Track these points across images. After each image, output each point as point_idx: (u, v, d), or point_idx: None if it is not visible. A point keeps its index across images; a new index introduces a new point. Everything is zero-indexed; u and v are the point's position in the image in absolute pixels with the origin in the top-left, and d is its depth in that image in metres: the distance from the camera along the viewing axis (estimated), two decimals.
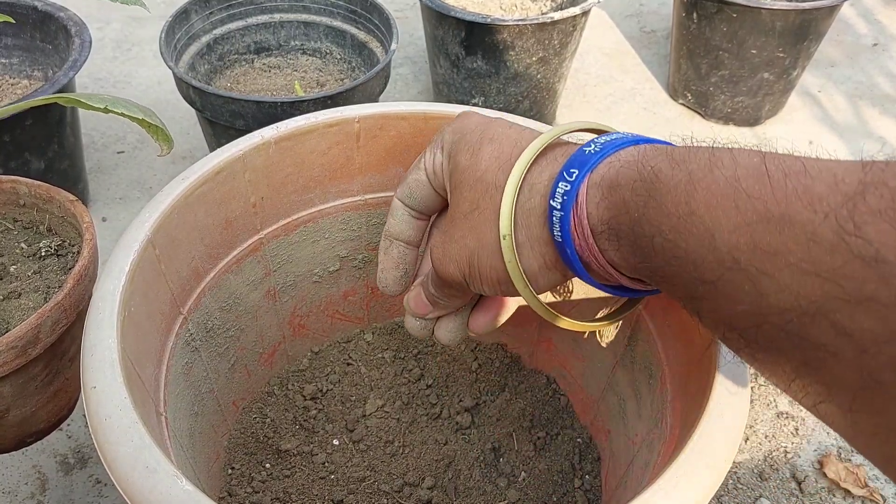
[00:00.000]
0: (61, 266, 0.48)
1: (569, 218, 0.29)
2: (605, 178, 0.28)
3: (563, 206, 0.29)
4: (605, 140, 0.30)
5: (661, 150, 0.27)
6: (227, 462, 0.54)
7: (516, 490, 0.53)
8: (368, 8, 0.93)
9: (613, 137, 0.30)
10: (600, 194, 0.28)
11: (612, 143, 0.29)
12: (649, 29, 1.36)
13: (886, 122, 1.14)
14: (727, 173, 0.25)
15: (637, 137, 0.30)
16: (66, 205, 0.48)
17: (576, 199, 0.29)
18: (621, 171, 0.28)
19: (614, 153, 0.29)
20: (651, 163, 0.27)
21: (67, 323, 0.43)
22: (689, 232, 0.25)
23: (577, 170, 0.29)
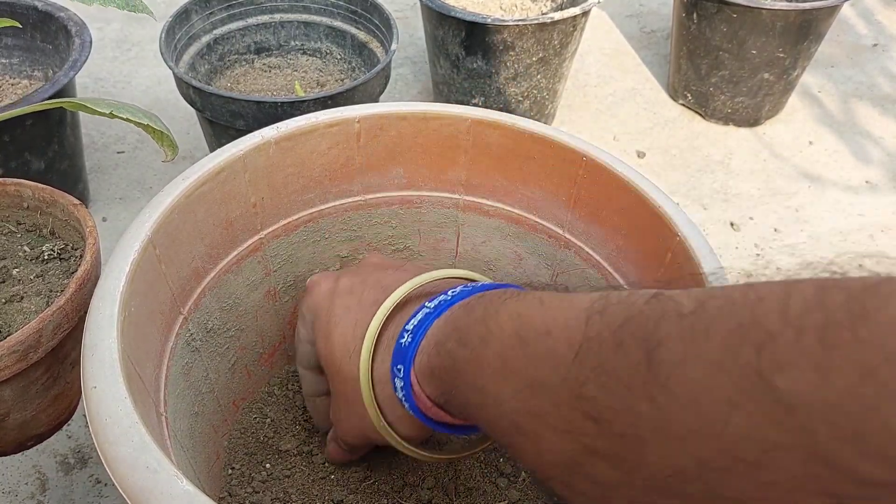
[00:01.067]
0: (64, 270, 0.48)
1: (415, 403, 0.34)
2: (424, 367, 0.33)
3: (406, 398, 0.35)
4: (414, 324, 0.35)
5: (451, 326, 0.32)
6: (227, 462, 0.54)
7: (517, 490, 0.53)
8: (369, 8, 0.93)
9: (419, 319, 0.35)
10: (426, 379, 0.34)
11: (420, 325, 0.34)
12: (649, 29, 1.36)
13: (887, 122, 1.14)
14: (496, 348, 0.28)
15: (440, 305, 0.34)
16: (69, 208, 0.48)
17: (412, 389, 0.34)
18: (432, 360, 0.33)
19: (424, 337, 0.34)
20: (447, 346, 0.32)
21: (69, 327, 0.43)
22: (486, 402, 0.29)
23: (402, 366, 0.34)
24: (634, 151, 1.07)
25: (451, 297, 0.35)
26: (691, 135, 1.11)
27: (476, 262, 0.59)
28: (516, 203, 0.54)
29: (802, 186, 1.02)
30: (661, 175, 1.03)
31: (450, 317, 0.33)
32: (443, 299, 0.35)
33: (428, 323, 0.34)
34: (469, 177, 0.54)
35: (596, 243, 0.51)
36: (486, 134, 0.51)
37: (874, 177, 1.04)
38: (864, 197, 1.00)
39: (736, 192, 1.01)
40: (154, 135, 0.45)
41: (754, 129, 1.12)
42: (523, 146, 0.51)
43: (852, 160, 1.07)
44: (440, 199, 0.56)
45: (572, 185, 0.50)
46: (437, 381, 0.33)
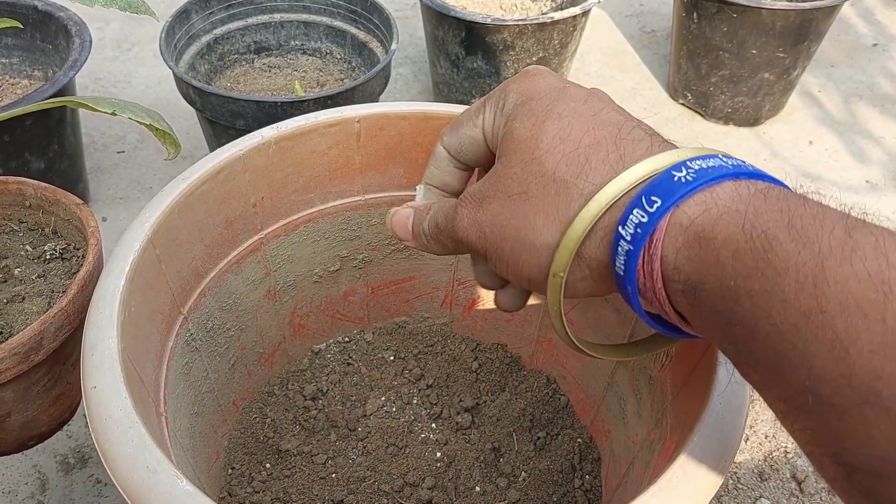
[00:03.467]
0: (66, 270, 0.48)
1: (638, 254, 0.24)
2: (696, 223, 0.23)
3: (633, 240, 0.24)
4: (698, 166, 0.24)
5: (776, 208, 0.22)
6: (227, 462, 0.54)
7: (516, 490, 0.53)
8: (368, 8, 0.92)
9: (710, 164, 0.24)
10: (683, 240, 0.23)
11: (706, 172, 0.24)
12: (649, 29, 1.36)
13: (886, 121, 1.14)
14: (872, 269, 0.19)
15: (738, 169, 0.24)
16: (71, 208, 0.48)
17: (651, 235, 0.24)
18: (719, 223, 0.23)
19: (710, 187, 0.24)
20: (763, 224, 0.22)
21: (71, 329, 0.43)
22: (813, 334, 0.20)
23: (659, 199, 0.24)
24: None
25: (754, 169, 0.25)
26: (691, 134, 1.11)
27: None
28: None
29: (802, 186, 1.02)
30: None
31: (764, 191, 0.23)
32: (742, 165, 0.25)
33: (720, 175, 0.24)
34: None
35: None
36: None
37: (874, 177, 1.04)
38: (865, 197, 1.00)
39: None
40: (157, 133, 0.45)
41: (754, 129, 1.12)
42: None
43: (852, 160, 1.07)
44: None
45: None
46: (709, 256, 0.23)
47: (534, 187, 0.28)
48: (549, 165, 0.27)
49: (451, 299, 0.62)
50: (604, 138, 0.27)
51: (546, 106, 0.29)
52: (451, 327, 0.64)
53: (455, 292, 0.62)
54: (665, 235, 0.24)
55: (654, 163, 0.25)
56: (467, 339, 0.63)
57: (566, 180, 0.27)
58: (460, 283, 0.61)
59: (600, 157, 0.26)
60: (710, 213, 0.23)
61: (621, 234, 0.25)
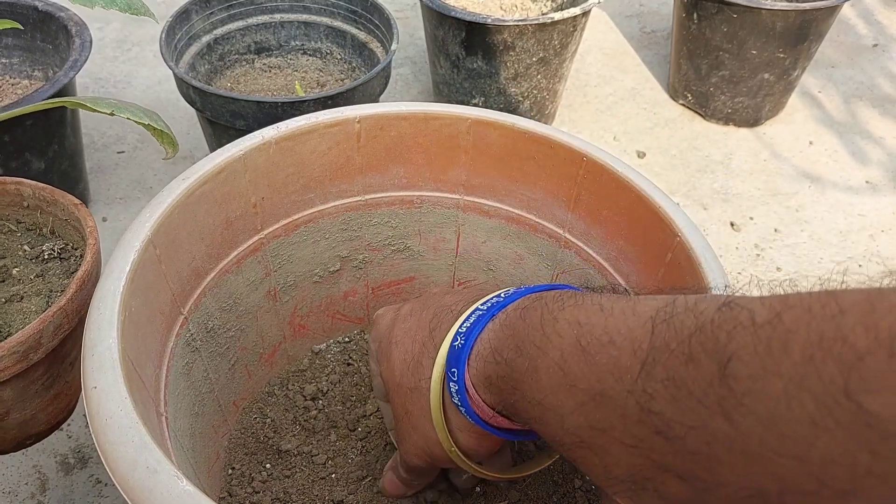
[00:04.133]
0: (64, 270, 0.48)
1: (471, 408, 0.33)
2: (480, 373, 0.32)
3: (462, 403, 0.33)
4: (465, 328, 0.33)
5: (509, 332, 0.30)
6: (227, 462, 0.54)
7: (516, 490, 0.53)
8: (369, 8, 0.93)
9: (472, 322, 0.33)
10: (482, 385, 0.32)
11: (470, 329, 0.33)
12: (649, 29, 1.36)
13: (887, 122, 1.14)
14: (556, 357, 0.27)
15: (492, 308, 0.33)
16: (70, 208, 0.48)
17: (467, 392, 0.33)
18: (488, 367, 0.31)
19: (476, 342, 0.32)
20: (504, 354, 0.30)
21: (69, 328, 0.43)
22: (547, 416, 0.27)
23: (455, 369, 0.33)
24: (634, 151, 1.07)
25: (505, 298, 0.33)
26: (691, 135, 1.11)
27: (476, 262, 0.59)
28: (516, 203, 0.54)
29: (803, 187, 1.02)
30: (661, 175, 1.03)
31: (505, 321, 0.31)
32: (495, 301, 0.33)
33: (480, 325, 0.32)
34: (469, 177, 0.54)
35: (596, 243, 0.51)
36: (487, 134, 0.51)
37: (874, 177, 1.04)
38: (865, 197, 1.00)
39: (736, 192, 1.01)
40: (155, 133, 0.45)
41: (754, 130, 1.12)
42: (523, 146, 0.51)
43: (852, 160, 1.07)
44: (440, 199, 0.56)
45: (572, 185, 0.50)
46: (496, 390, 0.31)
47: (408, 405, 0.37)
48: (405, 384, 0.37)
49: None
50: (424, 341, 0.36)
51: (389, 341, 0.39)
52: None
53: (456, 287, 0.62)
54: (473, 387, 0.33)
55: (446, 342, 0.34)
56: None
57: (416, 387, 0.36)
58: (460, 284, 0.61)
59: (426, 356, 0.36)
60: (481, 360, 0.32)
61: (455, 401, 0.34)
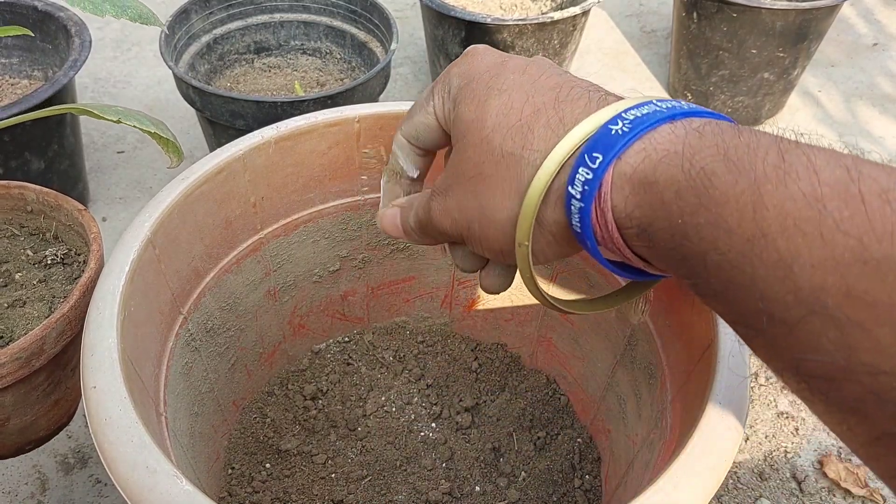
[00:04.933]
0: (67, 275, 0.48)
1: (590, 210, 0.25)
2: (638, 171, 0.24)
3: (583, 197, 0.25)
4: (633, 116, 0.25)
5: (711, 143, 0.23)
6: (227, 462, 0.54)
7: (516, 490, 0.53)
8: (368, 8, 0.92)
9: (644, 112, 0.25)
10: (630, 188, 0.24)
11: (642, 120, 0.25)
12: (649, 29, 1.36)
13: (886, 121, 1.14)
14: (805, 188, 0.20)
15: (673, 110, 0.25)
16: (73, 213, 0.48)
17: (598, 189, 0.25)
18: (659, 167, 0.24)
19: (647, 134, 0.24)
20: (700, 161, 0.22)
21: (72, 334, 0.43)
22: (758, 258, 0.21)
23: (600, 155, 0.25)
24: None
25: (689, 108, 0.26)
26: None
27: None
28: None
29: None
30: None
31: (702, 129, 0.24)
32: (677, 106, 0.26)
33: (656, 120, 0.25)
34: None
35: None
36: None
37: None
38: None
39: None
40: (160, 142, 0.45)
41: None
42: None
43: None
44: None
45: None
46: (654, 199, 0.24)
47: (487, 167, 0.29)
48: (497, 142, 0.28)
49: (451, 299, 0.62)
50: (544, 105, 0.28)
51: (487, 84, 0.30)
52: (450, 327, 0.64)
53: (455, 292, 0.62)
54: (612, 188, 0.25)
55: (592, 121, 0.26)
56: (467, 338, 0.63)
57: (514, 154, 0.28)
58: (460, 283, 0.61)
59: (542, 124, 0.27)
60: (651, 159, 0.24)
61: (571, 193, 0.26)
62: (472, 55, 0.32)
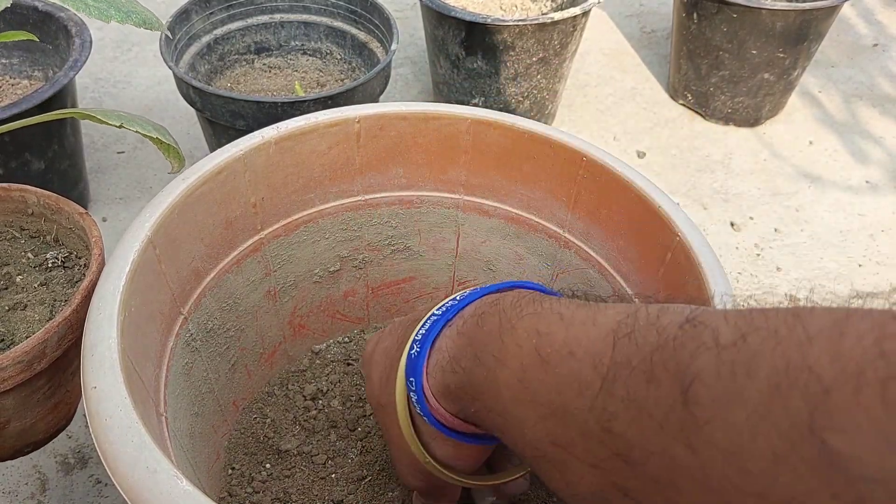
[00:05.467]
0: (68, 279, 0.48)
1: (433, 417, 0.32)
2: (438, 383, 0.31)
3: (422, 411, 0.33)
4: (422, 334, 0.33)
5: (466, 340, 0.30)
6: (227, 462, 0.54)
7: None
8: (368, 8, 0.93)
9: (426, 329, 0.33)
10: (441, 393, 0.32)
11: (427, 336, 0.32)
12: (649, 29, 1.36)
13: (887, 122, 1.14)
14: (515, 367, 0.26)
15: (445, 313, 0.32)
16: (74, 216, 0.48)
17: (427, 403, 0.32)
18: (446, 376, 0.31)
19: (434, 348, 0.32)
20: (462, 363, 0.29)
21: (74, 338, 0.43)
22: (508, 427, 0.27)
23: (413, 378, 0.32)
24: (634, 151, 1.07)
25: (461, 300, 0.33)
26: (691, 135, 1.11)
27: (476, 262, 0.59)
28: (516, 203, 0.54)
29: (803, 186, 1.02)
30: (661, 175, 1.03)
31: (462, 328, 0.31)
32: (451, 304, 0.33)
33: (435, 331, 0.32)
34: (469, 177, 0.54)
35: (596, 243, 0.51)
36: (486, 134, 0.51)
37: (874, 177, 1.04)
38: (865, 197, 1.00)
39: (736, 192, 1.01)
40: (162, 147, 0.45)
41: (754, 129, 1.12)
42: (523, 146, 0.51)
43: (852, 160, 1.07)
44: (440, 199, 0.56)
45: (572, 185, 0.50)
46: (455, 399, 0.31)
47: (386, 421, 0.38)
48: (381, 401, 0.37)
49: None
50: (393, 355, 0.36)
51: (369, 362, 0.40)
52: None
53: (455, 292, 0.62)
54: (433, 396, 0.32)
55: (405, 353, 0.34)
56: None
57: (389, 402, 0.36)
58: (460, 284, 0.61)
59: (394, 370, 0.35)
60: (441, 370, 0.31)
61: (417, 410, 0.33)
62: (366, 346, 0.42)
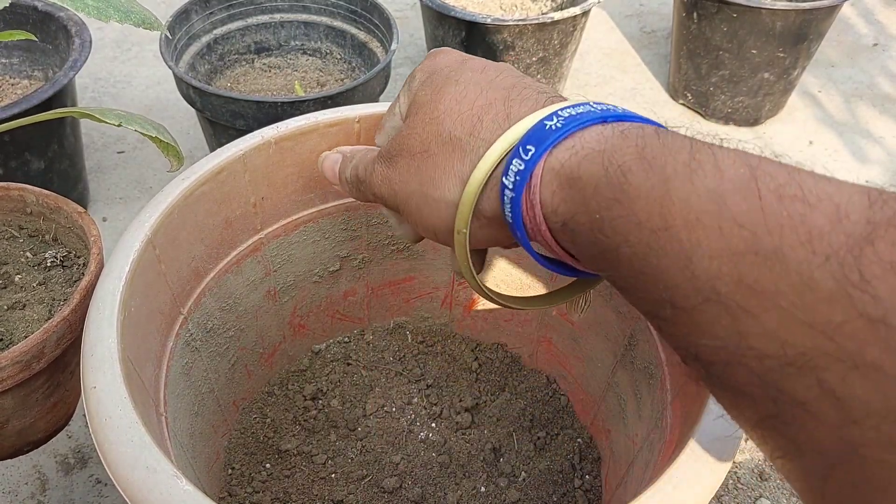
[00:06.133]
0: (66, 278, 0.48)
1: (520, 200, 0.26)
2: (565, 167, 0.25)
3: (514, 187, 0.26)
4: (568, 114, 0.26)
5: (632, 143, 0.24)
6: (227, 462, 0.54)
7: (516, 490, 0.53)
8: (368, 8, 0.92)
9: (579, 111, 0.26)
10: (557, 183, 0.25)
11: (575, 118, 0.26)
12: (649, 29, 1.36)
13: (886, 121, 1.14)
14: (709, 184, 0.21)
15: (605, 112, 0.26)
16: (73, 216, 0.48)
17: (528, 181, 0.26)
18: (583, 164, 0.25)
19: (578, 132, 0.26)
20: (619, 159, 0.24)
21: (72, 337, 0.43)
22: (662, 249, 0.22)
23: (533, 147, 0.26)
24: None
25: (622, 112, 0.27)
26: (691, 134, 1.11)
27: None
28: None
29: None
30: None
31: (627, 131, 0.25)
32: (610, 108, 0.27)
33: (586, 120, 0.26)
34: None
35: None
36: None
37: (874, 176, 1.04)
38: None
39: None
40: (161, 146, 0.45)
41: (754, 129, 1.12)
42: None
43: (852, 160, 1.07)
44: None
45: None
46: (577, 195, 0.25)
47: (433, 146, 0.30)
48: (447, 126, 0.30)
49: (451, 299, 0.62)
50: (496, 100, 0.29)
51: (446, 75, 0.31)
52: (450, 327, 0.64)
53: (455, 292, 0.62)
54: (541, 181, 0.26)
55: (534, 117, 0.27)
56: (467, 338, 0.63)
57: (461, 139, 0.29)
58: (460, 283, 0.61)
59: (490, 117, 0.29)
60: (577, 156, 0.25)
61: (505, 183, 0.27)
62: (436, 54, 0.34)
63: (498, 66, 0.32)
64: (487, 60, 0.32)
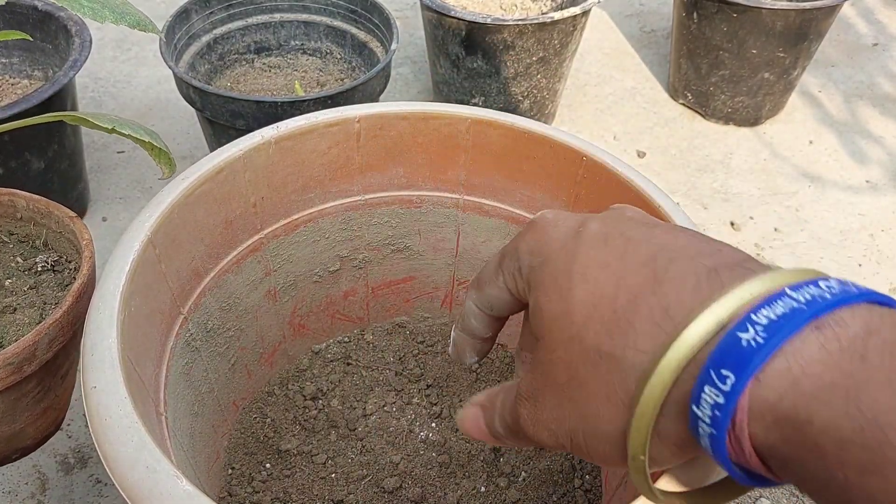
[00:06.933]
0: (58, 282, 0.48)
1: (722, 438, 0.21)
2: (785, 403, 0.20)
3: (713, 423, 0.21)
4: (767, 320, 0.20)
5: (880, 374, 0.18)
6: (227, 462, 0.54)
7: (516, 490, 0.53)
8: (368, 8, 0.92)
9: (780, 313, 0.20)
10: (772, 418, 0.20)
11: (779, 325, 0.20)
12: (649, 29, 1.36)
13: (886, 121, 1.14)
14: None
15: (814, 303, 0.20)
16: (64, 220, 0.48)
17: (732, 417, 0.20)
18: (813, 404, 0.19)
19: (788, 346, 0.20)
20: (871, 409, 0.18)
21: (64, 340, 0.43)
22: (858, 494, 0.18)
23: (731, 375, 0.20)
24: (634, 151, 1.07)
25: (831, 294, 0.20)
26: (691, 134, 1.11)
27: (476, 262, 0.59)
28: (516, 203, 0.54)
29: (803, 186, 1.02)
30: (661, 175, 1.03)
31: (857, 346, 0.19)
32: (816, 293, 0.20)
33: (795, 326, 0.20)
34: (469, 176, 0.54)
35: None
36: (486, 133, 0.51)
37: (874, 176, 1.04)
38: (865, 196, 1.00)
39: (736, 191, 1.01)
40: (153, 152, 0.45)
41: (754, 129, 1.12)
42: (523, 146, 0.51)
43: (852, 160, 1.07)
44: (440, 198, 0.56)
45: (572, 184, 0.50)
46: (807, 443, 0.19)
47: (582, 370, 0.25)
48: (590, 341, 0.24)
49: (451, 299, 0.62)
50: (640, 288, 0.23)
51: (565, 268, 0.26)
52: (451, 327, 0.64)
53: (455, 292, 0.62)
54: (749, 416, 0.20)
55: (710, 318, 0.21)
56: None
57: (613, 355, 0.24)
58: (460, 283, 0.61)
59: (643, 317, 0.23)
60: (800, 390, 0.19)
61: (698, 415, 0.21)
62: (541, 228, 0.28)
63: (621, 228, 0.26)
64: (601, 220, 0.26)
